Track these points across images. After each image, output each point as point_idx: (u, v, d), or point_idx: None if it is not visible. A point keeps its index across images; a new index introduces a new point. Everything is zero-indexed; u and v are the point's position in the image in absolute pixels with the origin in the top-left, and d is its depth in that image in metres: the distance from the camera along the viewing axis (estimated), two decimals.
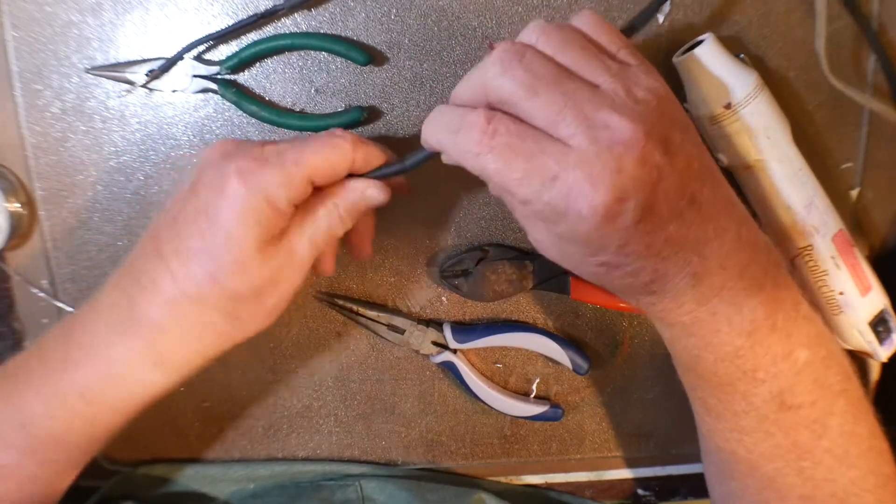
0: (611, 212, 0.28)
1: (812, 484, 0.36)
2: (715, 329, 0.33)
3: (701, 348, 0.34)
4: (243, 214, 0.32)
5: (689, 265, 0.30)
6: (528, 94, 0.28)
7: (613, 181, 0.27)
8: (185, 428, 0.50)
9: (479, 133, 0.29)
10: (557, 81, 0.28)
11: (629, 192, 0.27)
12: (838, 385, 0.35)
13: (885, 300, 0.44)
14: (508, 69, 0.29)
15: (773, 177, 0.41)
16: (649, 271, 0.30)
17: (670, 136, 0.29)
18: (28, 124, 0.43)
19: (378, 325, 0.47)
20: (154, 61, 0.42)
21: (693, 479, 0.54)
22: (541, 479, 0.54)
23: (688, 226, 0.30)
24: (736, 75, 0.39)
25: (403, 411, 0.51)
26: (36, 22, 0.41)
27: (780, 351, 0.33)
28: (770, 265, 0.33)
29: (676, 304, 0.32)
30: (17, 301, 0.46)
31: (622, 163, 0.27)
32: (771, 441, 0.36)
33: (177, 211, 0.34)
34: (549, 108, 0.28)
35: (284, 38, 0.41)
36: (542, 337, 0.48)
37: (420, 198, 0.46)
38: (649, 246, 0.29)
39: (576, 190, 0.27)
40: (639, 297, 0.33)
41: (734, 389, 0.35)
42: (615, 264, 0.30)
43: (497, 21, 0.43)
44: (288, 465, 0.50)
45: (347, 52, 0.41)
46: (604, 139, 0.27)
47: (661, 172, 0.28)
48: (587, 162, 0.27)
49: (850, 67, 0.45)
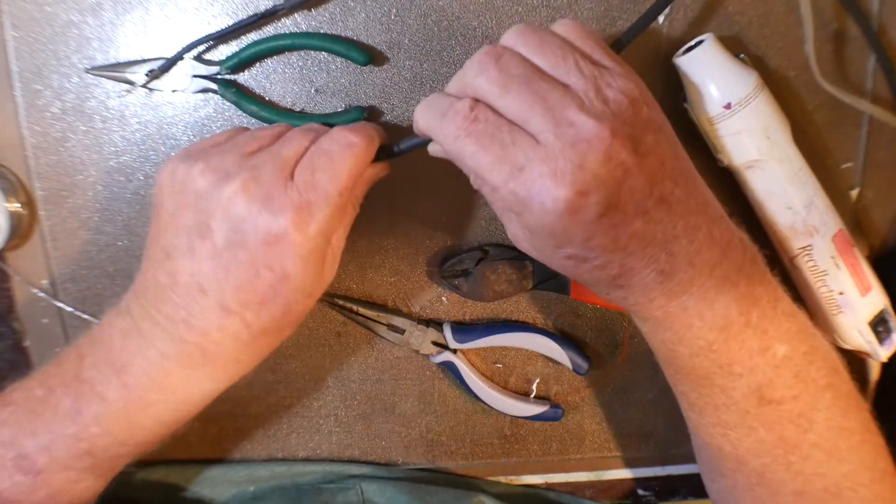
0: (572, 205, 0.29)
1: (802, 479, 0.36)
2: (687, 324, 0.34)
3: (675, 343, 0.35)
4: (309, 258, 0.34)
5: (657, 261, 0.32)
6: (501, 91, 0.30)
7: (576, 176, 0.29)
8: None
9: (461, 118, 0.31)
10: (529, 81, 0.30)
11: (591, 188, 0.29)
12: (823, 380, 0.36)
13: (885, 300, 0.44)
14: (485, 69, 0.31)
15: (774, 177, 0.41)
16: (616, 265, 0.32)
17: (641, 137, 0.30)
18: (28, 124, 0.43)
19: (378, 325, 0.47)
20: (154, 61, 0.42)
21: (693, 479, 0.54)
22: (541, 479, 0.54)
23: (655, 223, 0.31)
24: (736, 75, 0.39)
25: (403, 411, 0.51)
26: (36, 22, 0.41)
27: (756, 346, 0.34)
28: (745, 263, 0.34)
29: (647, 298, 0.33)
30: (17, 301, 0.46)
31: (585, 159, 0.29)
32: (755, 436, 0.36)
33: (221, 263, 0.33)
34: (519, 104, 0.30)
35: (284, 38, 0.42)
36: (542, 337, 0.48)
37: (420, 198, 0.46)
38: (615, 240, 0.30)
39: (539, 182, 0.29)
40: (609, 291, 0.34)
41: (712, 383, 0.35)
42: (582, 257, 0.31)
43: (497, 21, 0.43)
44: (288, 465, 0.50)
45: (347, 52, 0.41)
46: (569, 136, 0.29)
47: (627, 171, 0.29)
48: (552, 157, 0.29)
49: (851, 67, 0.45)
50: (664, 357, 0.37)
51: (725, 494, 0.40)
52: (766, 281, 0.35)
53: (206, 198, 0.33)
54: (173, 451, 0.50)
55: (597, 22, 0.43)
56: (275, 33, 0.42)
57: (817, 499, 0.36)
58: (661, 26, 0.43)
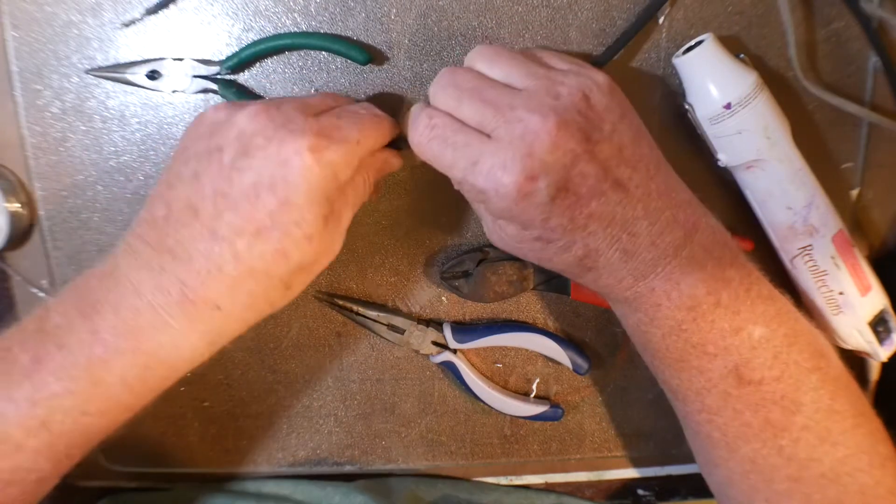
0: (523, 189, 0.32)
1: (797, 464, 0.36)
2: (655, 303, 0.35)
3: (647, 324, 0.36)
4: (316, 191, 0.33)
5: (619, 241, 0.34)
6: (456, 104, 0.34)
7: (524, 164, 0.32)
8: (184, 428, 0.50)
9: (423, 126, 0.35)
10: (479, 91, 0.34)
11: (538, 173, 0.32)
12: (808, 362, 0.36)
13: (885, 300, 0.44)
14: (443, 87, 0.35)
15: (774, 177, 0.41)
16: (580, 246, 0.34)
17: (597, 126, 0.33)
18: (28, 124, 0.43)
19: (378, 325, 0.47)
20: (154, 62, 0.42)
21: (693, 479, 0.54)
22: (541, 479, 0.54)
23: (613, 204, 0.33)
24: (736, 75, 0.39)
25: (403, 411, 0.51)
26: (36, 22, 0.41)
27: (728, 326, 0.35)
28: (714, 246, 0.36)
29: (615, 279, 0.35)
30: (17, 301, 0.47)
31: (533, 148, 0.32)
32: (741, 419, 0.36)
33: (222, 184, 0.32)
34: (473, 111, 0.34)
35: (284, 38, 0.42)
36: (542, 337, 0.48)
37: (420, 198, 0.46)
38: (572, 220, 0.33)
39: (492, 172, 0.32)
40: (580, 274, 0.36)
41: (689, 365, 0.36)
42: (547, 238, 0.34)
43: (497, 21, 0.43)
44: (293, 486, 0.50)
45: (347, 51, 0.41)
46: (517, 130, 0.32)
47: (576, 157, 0.32)
48: (501, 149, 0.32)
49: (851, 67, 0.45)
50: (639, 341, 0.39)
51: (724, 487, 0.40)
52: (738, 264, 0.36)
53: (223, 123, 0.34)
54: (173, 451, 0.50)
55: (597, 21, 0.43)
56: (275, 33, 0.42)
57: (814, 485, 0.36)
58: (660, 26, 0.43)
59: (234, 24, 0.42)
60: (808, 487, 0.36)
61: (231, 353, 0.48)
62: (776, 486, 0.37)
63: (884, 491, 0.36)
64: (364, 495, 0.47)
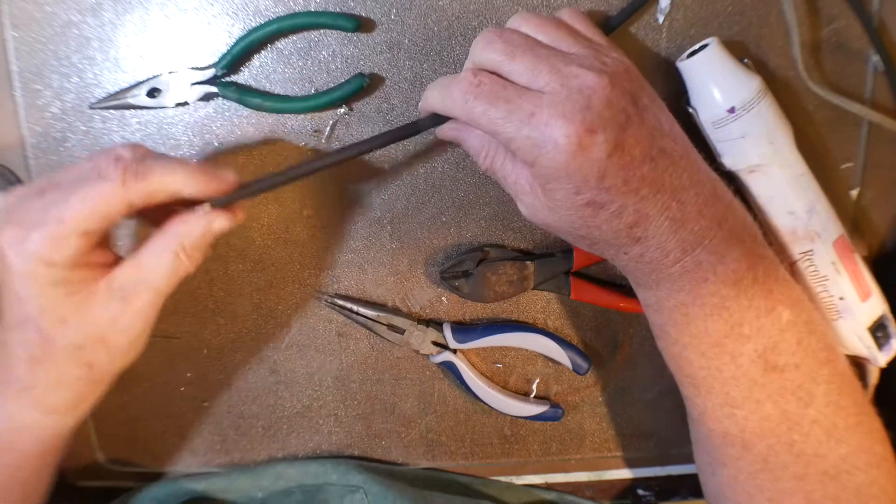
0: (583, 141, 0.31)
1: (804, 461, 0.36)
2: (703, 278, 0.35)
3: (689, 304, 0.36)
4: (32, 283, 0.32)
5: (669, 209, 0.33)
6: (507, 58, 0.34)
7: (584, 115, 0.31)
8: (185, 428, 0.50)
9: (466, 84, 0.34)
10: (532, 48, 0.34)
11: (597, 126, 0.31)
12: (822, 353, 0.37)
13: (885, 306, 0.44)
14: (490, 43, 0.34)
15: (776, 181, 0.41)
16: (631, 211, 0.33)
17: (639, 95, 0.34)
18: (28, 124, 0.43)
19: (378, 325, 0.47)
20: (150, 81, 0.42)
21: (693, 479, 0.54)
22: (541, 479, 0.54)
23: (661, 170, 0.33)
24: (739, 80, 0.39)
25: (403, 411, 0.51)
26: (36, 22, 0.41)
27: (763, 305, 0.35)
28: (746, 224, 0.36)
29: (662, 252, 0.34)
30: None
31: (591, 101, 0.32)
32: (761, 412, 0.36)
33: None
34: (525, 66, 0.33)
35: (270, 25, 0.41)
36: (542, 337, 0.48)
37: (420, 198, 0.46)
38: (626, 181, 0.32)
39: (551, 123, 0.32)
40: (628, 247, 0.35)
41: (723, 350, 0.36)
42: (599, 203, 0.33)
43: (497, 21, 0.43)
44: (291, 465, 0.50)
45: (335, 22, 0.41)
46: (574, 85, 0.32)
47: (629, 117, 0.32)
48: (559, 102, 0.32)
49: (851, 67, 0.45)
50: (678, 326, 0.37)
51: (725, 488, 0.40)
52: (765, 244, 0.37)
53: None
54: (173, 451, 0.50)
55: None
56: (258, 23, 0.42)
57: (816, 483, 0.37)
58: (660, 26, 0.43)
59: (234, 25, 0.42)
60: (811, 485, 0.37)
61: (231, 353, 0.48)
62: (782, 485, 0.37)
63: (877, 490, 0.37)
64: (363, 474, 0.48)
